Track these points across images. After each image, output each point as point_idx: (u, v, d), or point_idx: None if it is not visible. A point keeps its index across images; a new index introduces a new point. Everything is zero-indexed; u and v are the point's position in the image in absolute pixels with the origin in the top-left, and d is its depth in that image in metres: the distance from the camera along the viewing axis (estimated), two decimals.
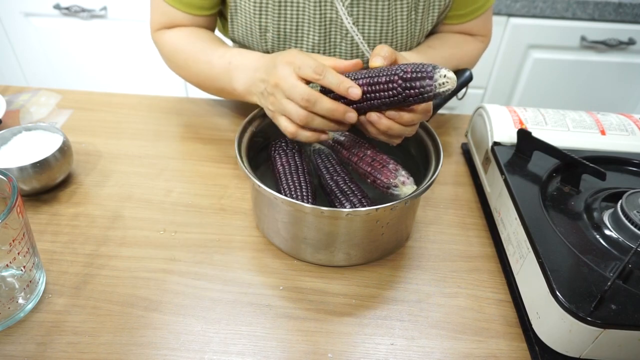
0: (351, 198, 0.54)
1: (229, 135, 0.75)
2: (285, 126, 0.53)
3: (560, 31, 1.39)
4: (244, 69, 0.62)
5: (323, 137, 0.53)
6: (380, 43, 0.71)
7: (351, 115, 0.51)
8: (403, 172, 0.54)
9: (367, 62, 0.74)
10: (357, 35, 0.69)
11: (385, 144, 0.57)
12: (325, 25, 0.69)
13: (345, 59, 0.72)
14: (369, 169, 0.56)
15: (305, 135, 0.53)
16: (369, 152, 0.57)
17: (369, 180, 0.56)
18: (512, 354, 0.47)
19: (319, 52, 0.72)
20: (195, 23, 0.72)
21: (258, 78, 0.58)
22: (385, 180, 0.54)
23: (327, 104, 0.50)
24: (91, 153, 0.70)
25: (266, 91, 0.55)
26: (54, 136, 0.63)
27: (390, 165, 0.54)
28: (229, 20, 0.73)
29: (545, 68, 1.47)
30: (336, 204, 0.54)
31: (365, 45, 0.71)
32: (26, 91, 0.83)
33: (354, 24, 0.68)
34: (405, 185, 0.53)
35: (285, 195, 0.54)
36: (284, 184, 0.55)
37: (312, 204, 0.54)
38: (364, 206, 0.52)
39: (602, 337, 0.41)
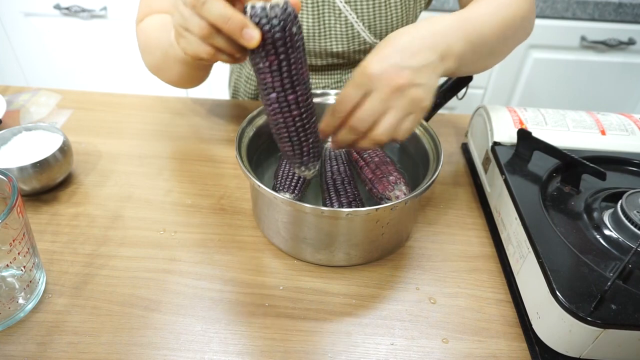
0: (342, 199, 0.54)
1: (229, 135, 0.75)
2: (185, 46, 0.44)
3: (560, 31, 1.39)
4: None
5: (223, 58, 0.44)
6: (374, 20, 0.70)
7: (249, 33, 0.38)
8: (403, 187, 0.53)
9: (364, 42, 0.73)
10: (350, 14, 0.68)
11: (399, 150, 0.57)
12: (318, 6, 0.68)
13: (342, 40, 0.72)
14: (370, 176, 0.56)
15: (220, 58, 0.44)
16: (376, 159, 0.57)
17: (367, 188, 0.56)
18: (512, 354, 0.47)
19: (313, 35, 0.71)
20: None
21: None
22: (380, 190, 0.54)
23: (217, 6, 0.39)
24: (91, 153, 0.70)
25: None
26: (54, 136, 0.63)
27: (391, 177, 0.54)
28: None
29: (545, 68, 1.48)
30: (327, 202, 0.54)
31: (360, 24, 0.70)
32: (26, 91, 0.83)
33: (346, 2, 0.68)
34: (399, 200, 0.52)
35: (275, 180, 0.55)
36: (280, 172, 0.56)
37: (296, 196, 0.54)
38: (352, 208, 0.52)
39: (602, 337, 0.41)
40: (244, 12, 0.39)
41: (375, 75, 0.46)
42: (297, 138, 0.45)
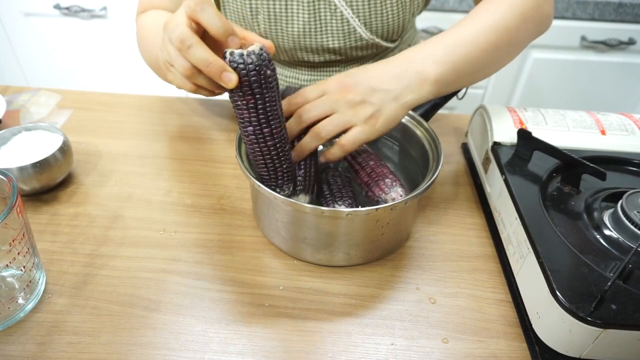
0: (337, 200, 0.54)
1: (229, 135, 0.75)
2: (172, 79, 0.49)
3: (560, 31, 1.39)
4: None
5: (204, 93, 0.49)
6: (370, 16, 0.70)
7: (228, 76, 0.43)
8: (399, 189, 0.53)
9: (361, 38, 0.73)
10: (346, 9, 0.68)
11: (399, 150, 0.56)
12: (314, 1, 0.69)
13: (338, 36, 0.72)
14: (366, 180, 0.56)
15: (203, 93, 0.49)
16: (371, 162, 0.57)
17: (363, 192, 0.57)
18: (512, 354, 0.47)
19: (309, 31, 0.71)
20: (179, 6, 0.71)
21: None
22: (377, 193, 0.54)
23: (200, 52, 0.43)
24: (91, 153, 0.70)
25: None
26: (54, 136, 0.63)
27: (387, 180, 0.54)
28: (222, 7, 0.73)
29: (545, 68, 1.48)
30: (323, 204, 0.55)
31: (356, 19, 0.70)
32: (26, 91, 0.83)
33: None
34: (395, 202, 0.52)
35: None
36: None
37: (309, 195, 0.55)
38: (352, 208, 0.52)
39: (603, 337, 0.41)
40: (224, 57, 0.43)
41: (334, 83, 0.53)
42: (272, 164, 0.50)
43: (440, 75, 0.53)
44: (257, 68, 0.43)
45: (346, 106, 0.52)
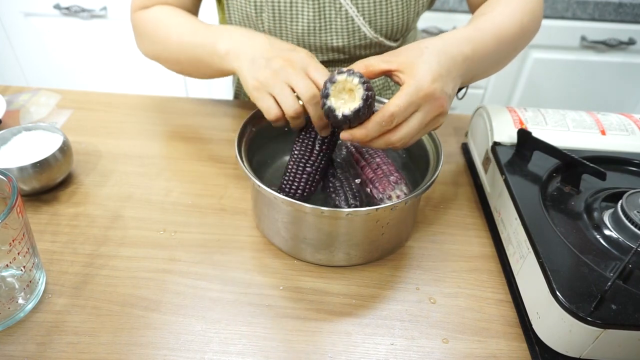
0: (347, 192, 0.54)
1: (229, 135, 0.75)
2: (269, 107, 0.53)
3: (560, 31, 1.39)
4: (237, 30, 0.59)
5: (280, 124, 0.54)
6: (374, 14, 0.71)
7: (327, 130, 0.53)
8: (404, 188, 0.54)
9: (365, 37, 0.73)
10: (350, 7, 0.69)
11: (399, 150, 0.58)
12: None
13: (342, 35, 0.72)
14: (371, 176, 0.56)
15: (279, 124, 0.54)
16: (378, 159, 0.57)
17: (367, 188, 0.57)
18: (512, 354, 0.47)
19: (314, 29, 0.71)
20: (179, 2, 0.71)
21: (260, 43, 0.56)
22: (381, 190, 0.54)
23: (320, 111, 0.49)
24: (91, 153, 0.70)
25: (268, 62, 0.53)
26: (54, 136, 0.63)
27: (392, 178, 0.54)
28: (225, 4, 0.73)
29: (545, 68, 1.48)
30: (330, 190, 0.55)
31: (361, 18, 0.70)
32: (26, 91, 0.83)
33: None
34: (399, 199, 0.52)
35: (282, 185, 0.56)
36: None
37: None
38: (357, 200, 0.53)
39: (603, 337, 0.41)
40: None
41: (430, 96, 0.47)
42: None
43: (472, 79, 0.57)
44: (336, 132, 0.53)
45: (431, 125, 0.50)
